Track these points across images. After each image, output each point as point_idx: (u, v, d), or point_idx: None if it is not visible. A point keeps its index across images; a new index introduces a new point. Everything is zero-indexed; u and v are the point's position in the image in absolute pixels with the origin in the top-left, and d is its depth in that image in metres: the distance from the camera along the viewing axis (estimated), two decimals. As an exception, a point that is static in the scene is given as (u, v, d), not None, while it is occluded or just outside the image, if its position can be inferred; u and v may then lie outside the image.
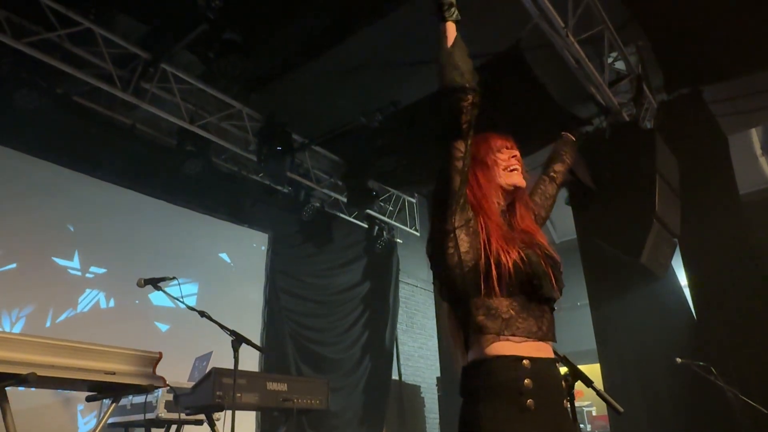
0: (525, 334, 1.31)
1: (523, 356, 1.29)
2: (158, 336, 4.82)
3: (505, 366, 1.29)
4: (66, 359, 2.25)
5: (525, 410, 1.26)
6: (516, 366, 1.28)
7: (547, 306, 1.39)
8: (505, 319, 1.30)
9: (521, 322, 1.31)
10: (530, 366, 1.29)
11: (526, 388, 1.27)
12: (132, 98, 4.43)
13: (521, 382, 1.27)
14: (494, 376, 1.29)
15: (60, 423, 4.09)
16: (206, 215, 5.57)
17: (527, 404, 1.26)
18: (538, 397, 1.27)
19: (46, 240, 4.37)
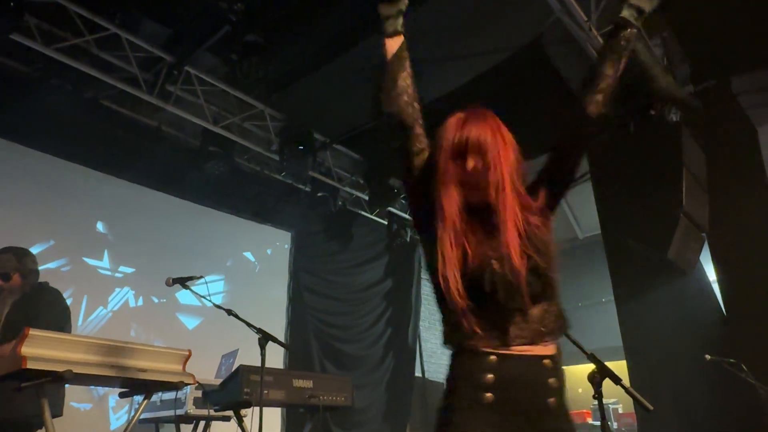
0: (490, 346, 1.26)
1: (491, 352, 1.26)
2: (185, 334, 4.91)
3: (469, 360, 1.28)
4: (100, 357, 2.31)
5: (481, 404, 1.24)
6: (480, 360, 1.26)
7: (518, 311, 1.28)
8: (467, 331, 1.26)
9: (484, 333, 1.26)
10: (497, 361, 1.25)
11: (486, 383, 1.24)
12: (157, 101, 4.51)
13: (482, 376, 1.25)
14: (459, 369, 1.30)
15: (93, 418, 4.21)
16: (230, 215, 5.65)
17: (485, 397, 1.24)
18: (502, 393, 1.24)
19: (77, 240, 4.48)
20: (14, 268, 2.95)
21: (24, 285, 2.96)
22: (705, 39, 4.70)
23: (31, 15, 3.83)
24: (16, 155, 4.26)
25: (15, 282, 2.94)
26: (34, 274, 3.03)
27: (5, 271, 2.94)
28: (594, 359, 1.64)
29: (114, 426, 4.30)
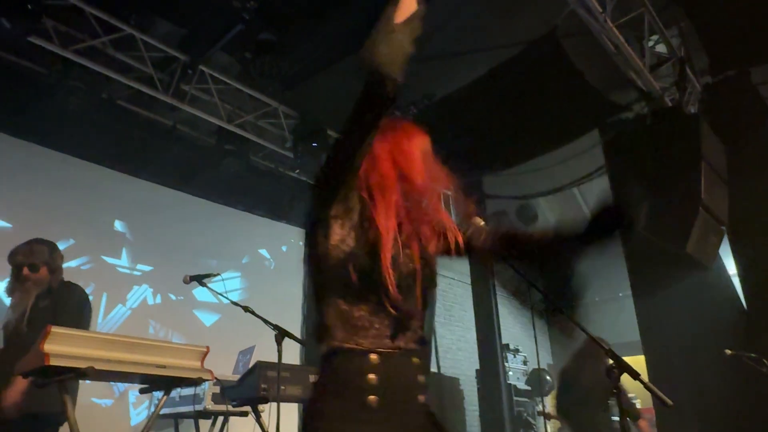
0: (378, 346, 1.19)
1: (371, 350, 1.18)
2: (203, 330, 4.97)
3: (349, 360, 1.18)
4: (121, 354, 2.34)
5: (367, 407, 1.16)
6: (361, 360, 1.18)
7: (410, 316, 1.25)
8: (356, 327, 1.19)
9: (372, 334, 1.19)
10: (378, 361, 1.18)
11: (369, 384, 1.17)
12: (172, 100, 4.56)
13: (364, 377, 1.17)
14: (338, 371, 1.19)
15: (114, 414, 4.28)
16: (246, 212, 5.70)
17: (369, 401, 1.16)
18: (385, 395, 1.17)
19: (96, 239, 4.55)
20: (44, 262, 2.94)
21: (51, 280, 2.94)
22: (723, 29, 4.61)
23: (49, 18, 3.88)
24: (36, 156, 4.33)
25: (42, 275, 2.93)
26: (59, 271, 3.02)
27: (35, 262, 2.92)
28: (612, 354, 1.63)
29: (134, 421, 4.36)
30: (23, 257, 2.92)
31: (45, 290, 2.91)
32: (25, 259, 2.91)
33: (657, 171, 4.37)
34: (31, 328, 2.72)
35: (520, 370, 7.36)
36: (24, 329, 2.74)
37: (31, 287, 2.89)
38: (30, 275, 2.89)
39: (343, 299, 1.19)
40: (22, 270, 2.90)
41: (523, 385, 7.22)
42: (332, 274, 1.20)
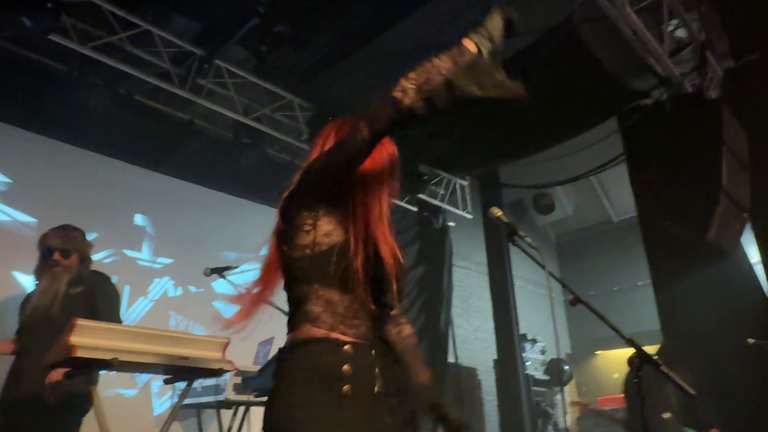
0: (354, 336, 1.23)
1: (346, 341, 1.22)
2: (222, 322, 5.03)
3: (324, 350, 1.21)
4: (145, 345, 2.39)
5: (342, 396, 1.19)
6: (336, 350, 1.21)
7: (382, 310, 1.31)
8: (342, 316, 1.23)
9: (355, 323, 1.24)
10: (351, 351, 1.22)
11: (345, 374, 1.20)
12: (189, 95, 4.60)
13: (340, 368, 1.20)
14: (312, 359, 1.21)
15: (138, 404, 4.38)
16: (263, 205, 5.74)
17: (344, 390, 1.19)
18: (356, 384, 1.21)
19: (118, 233, 4.63)
20: (75, 249, 2.91)
21: (81, 269, 2.92)
22: (745, 12, 4.51)
23: (68, 15, 3.94)
24: (58, 152, 4.41)
25: (72, 262, 2.90)
26: (89, 260, 3.00)
27: (67, 247, 2.88)
28: (633, 343, 1.62)
29: (157, 412, 4.46)
30: (56, 242, 2.88)
31: (75, 277, 2.89)
32: (58, 244, 2.87)
33: (677, 158, 4.31)
34: (63, 314, 2.73)
35: (538, 360, 7.35)
36: (56, 315, 2.75)
37: (61, 273, 2.86)
38: (61, 260, 2.86)
39: (328, 288, 1.23)
40: (53, 254, 2.87)
41: (541, 375, 7.21)
42: (319, 263, 1.23)
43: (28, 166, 4.26)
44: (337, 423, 1.16)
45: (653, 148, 4.82)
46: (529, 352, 7.27)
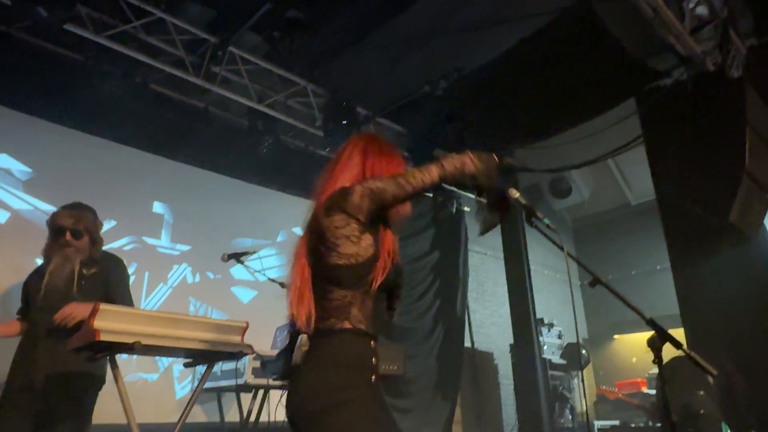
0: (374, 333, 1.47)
1: (372, 337, 1.46)
2: (240, 307, 5.10)
3: (360, 342, 1.43)
4: (166, 329, 2.43)
5: (369, 383, 1.42)
6: (366, 343, 1.45)
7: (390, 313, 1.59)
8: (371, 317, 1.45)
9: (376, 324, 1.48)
10: (374, 346, 1.47)
11: (373, 365, 1.44)
12: (203, 82, 4.61)
13: (370, 359, 1.44)
14: (351, 348, 1.42)
15: (160, 388, 4.46)
16: (278, 192, 5.77)
17: (371, 378, 1.43)
18: (376, 375, 1.46)
19: (137, 221, 4.69)
20: (87, 230, 2.86)
21: (92, 250, 2.88)
22: (770, -14, 4.38)
23: (83, 5, 3.96)
24: (77, 141, 4.47)
25: (83, 243, 2.85)
26: (100, 242, 2.95)
27: (79, 228, 2.83)
28: (654, 324, 1.60)
29: (179, 395, 4.54)
30: (68, 222, 2.82)
31: (87, 258, 2.86)
32: (70, 225, 2.81)
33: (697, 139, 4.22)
34: (81, 295, 2.75)
35: (555, 344, 7.33)
36: (74, 296, 2.74)
37: (73, 254, 2.81)
38: (72, 241, 2.81)
39: (362, 293, 1.44)
40: (65, 234, 2.81)
41: (558, 359, 7.19)
42: (358, 272, 1.44)
43: (47, 155, 4.32)
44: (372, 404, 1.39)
45: (673, 129, 4.73)
46: (546, 336, 7.25)
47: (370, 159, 1.61)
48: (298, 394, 1.39)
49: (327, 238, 1.45)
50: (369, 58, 4.86)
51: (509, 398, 7.16)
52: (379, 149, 1.65)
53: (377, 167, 1.59)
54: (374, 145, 1.66)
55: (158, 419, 4.15)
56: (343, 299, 1.43)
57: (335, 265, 1.44)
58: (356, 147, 1.66)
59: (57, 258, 2.81)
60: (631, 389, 7.06)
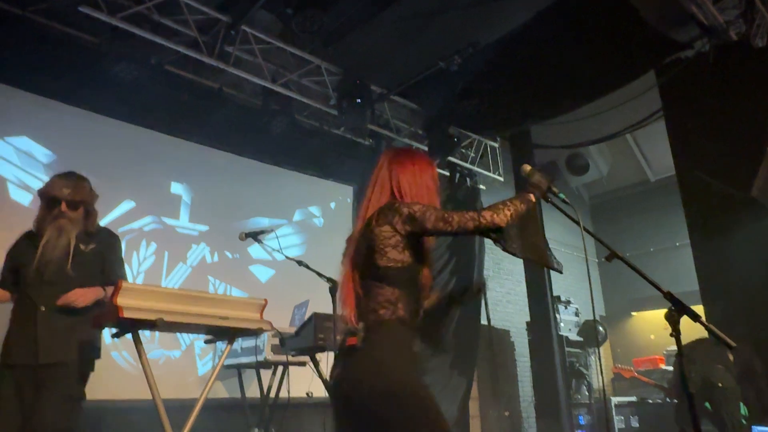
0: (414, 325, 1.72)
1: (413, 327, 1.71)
2: (259, 286, 5.17)
3: (405, 331, 1.69)
4: (187, 306, 2.48)
5: (415, 360, 1.72)
6: (410, 332, 1.70)
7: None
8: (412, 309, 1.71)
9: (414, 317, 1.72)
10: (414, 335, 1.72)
11: (414, 351, 1.71)
12: (217, 62, 4.61)
13: (414, 341, 1.71)
14: (402, 335, 1.68)
15: (182, 364, 4.57)
16: (294, 171, 5.79)
17: (416, 356, 1.72)
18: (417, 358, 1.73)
19: (155, 202, 4.75)
20: (83, 201, 2.72)
21: (87, 223, 2.74)
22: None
23: (96, -15, 3.96)
24: (94, 123, 4.52)
25: (78, 214, 2.71)
26: (95, 214, 2.81)
27: (75, 199, 2.68)
28: (671, 297, 1.59)
29: (201, 371, 4.65)
30: (65, 192, 2.67)
31: (83, 232, 2.72)
32: (66, 195, 2.67)
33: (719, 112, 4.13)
34: (77, 271, 2.65)
35: (572, 322, 7.32)
36: (70, 272, 2.63)
37: (67, 226, 2.66)
38: (67, 212, 2.67)
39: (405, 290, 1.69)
40: (60, 205, 2.67)
41: (574, 336, 7.19)
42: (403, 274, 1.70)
43: (66, 138, 4.38)
44: (423, 383, 1.65)
45: (693, 102, 4.63)
46: (563, 313, 7.24)
47: (395, 174, 1.84)
48: (355, 375, 1.60)
49: (377, 244, 1.70)
50: (382, 34, 4.81)
51: (526, 375, 7.21)
52: (403, 162, 1.87)
53: (403, 181, 1.82)
54: (399, 158, 1.89)
55: (181, 395, 4.25)
56: (392, 295, 1.67)
57: (386, 267, 1.69)
58: (383, 165, 1.89)
59: (51, 230, 2.65)
60: (649, 366, 7.05)
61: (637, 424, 6.75)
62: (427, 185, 1.87)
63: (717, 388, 4.06)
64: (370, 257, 1.71)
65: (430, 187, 1.88)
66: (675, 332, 1.58)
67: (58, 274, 2.63)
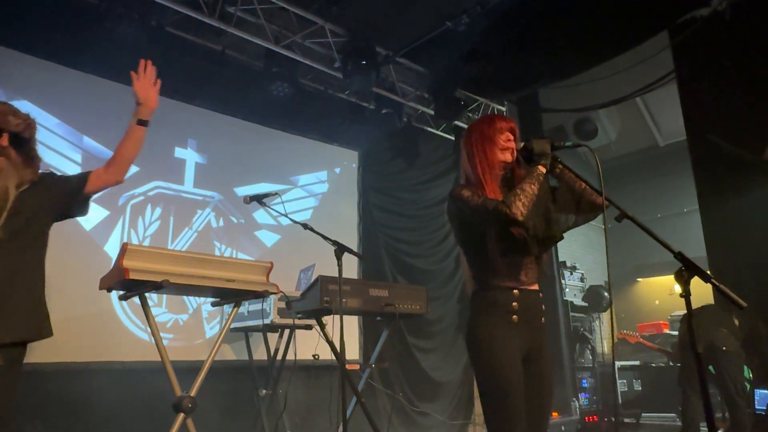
0: (514, 282, 1.93)
1: (513, 287, 1.92)
2: (264, 250, 5.18)
3: (500, 293, 1.92)
4: (193, 269, 2.49)
5: (510, 323, 1.90)
6: (508, 293, 1.91)
7: (532, 256, 1.96)
8: (499, 271, 1.92)
9: (509, 274, 1.93)
10: (518, 294, 1.92)
11: (513, 308, 1.91)
12: (219, 23, 4.50)
13: (510, 304, 1.91)
14: (492, 299, 1.92)
15: (190, 327, 4.62)
16: (298, 136, 5.73)
17: (512, 319, 1.90)
18: (521, 316, 1.91)
19: (159, 167, 4.72)
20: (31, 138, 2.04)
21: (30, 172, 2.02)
22: None
23: (93, -58, 3.84)
24: (95, 86, 4.45)
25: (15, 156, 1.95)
26: (37, 160, 2.09)
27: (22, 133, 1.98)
28: (681, 257, 1.57)
29: (209, 335, 4.71)
30: (12, 121, 1.97)
31: (28, 186, 2.02)
32: (15, 125, 1.97)
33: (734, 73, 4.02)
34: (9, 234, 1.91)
35: (577, 287, 7.35)
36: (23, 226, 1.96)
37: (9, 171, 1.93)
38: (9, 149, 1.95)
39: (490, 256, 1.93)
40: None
41: (579, 301, 7.23)
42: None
43: (67, 101, 4.32)
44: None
45: (707, 64, 4.50)
46: (568, 279, 7.27)
47: (464, 153, 2.05)
48: None
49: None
50: (387, -7, 4.67)
51: (530, 339, 7.27)
52: (473, 140, 2.02)
53: (477, 157, 1.99)
54: (472, 136, 2.04)
55: (189, 357, 4.32)
56: (480, 265, 1.98)
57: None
58: (462, 143, 2.09)
59: None
60: (653, 331, 7.10)
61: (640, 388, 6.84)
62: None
63: (721, 351, 4.08)
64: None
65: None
66: (685, 293, 1.56)
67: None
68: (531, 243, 1.93)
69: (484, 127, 2.02)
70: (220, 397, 4.22)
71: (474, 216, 1.91)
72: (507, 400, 1.80)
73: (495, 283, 1.92)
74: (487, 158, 1.97)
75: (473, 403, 6.20)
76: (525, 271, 1.94)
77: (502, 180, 2.01)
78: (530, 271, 1.96)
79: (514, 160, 2.00)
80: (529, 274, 1.96)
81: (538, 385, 1.91)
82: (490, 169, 1.97)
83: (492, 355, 1.85)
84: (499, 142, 1.99)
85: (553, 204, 2.01)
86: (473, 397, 6.17)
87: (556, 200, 2.03)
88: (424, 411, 5.69)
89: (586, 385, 6.74)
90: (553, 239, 2.01)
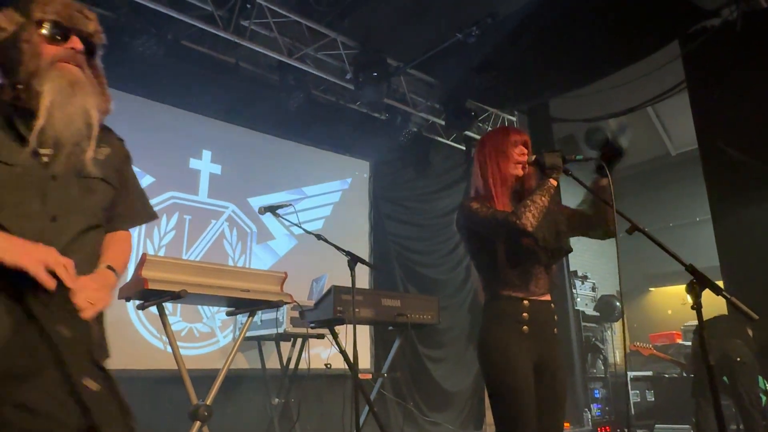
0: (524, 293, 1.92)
1: (524, 297, 1.91)
2: (277, 260, 5.23)
3: (510, 303, 1.91)
4: (209, 279, 2.54)
5: (521, 333, 1.88)
6: (518, 303, 1.90)
7: (542, 266, 1.95)
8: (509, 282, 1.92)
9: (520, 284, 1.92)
10: (528, 304, 1.91)
11: (523, 319, 1.89)
12: (233, 36, 4.59)
13: (520, 314, 1.89)
14: (502, 308, 1.92)
15: (204, 336, 4.67)
16: (311, 147, 5.80)
17: (523, 330, 1.89)
18: (532, 326, 1.89)
19: (174, 177, 4.80)
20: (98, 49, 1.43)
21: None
22: None
23: (112, -40, 3.94)
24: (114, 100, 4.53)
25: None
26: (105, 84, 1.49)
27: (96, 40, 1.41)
28: (693, 270, 1.58)
29: (222, 343, 4.75)
30: (89, 25, 1.38)
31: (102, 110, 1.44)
32: (91, 28, 1.39)
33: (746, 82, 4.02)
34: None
35: (588, 297, 7.32)
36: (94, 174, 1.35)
37: (84, 82, 1.33)
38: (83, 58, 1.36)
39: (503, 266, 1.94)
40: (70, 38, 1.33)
41: (591, 311, 7.20)
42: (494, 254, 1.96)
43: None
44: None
45: (718, 73, 4.51)
46: (580, 288, 7.24)
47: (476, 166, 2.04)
48: None
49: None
50: (399, 6, 4.73)
51: (541, 349, 7.24)
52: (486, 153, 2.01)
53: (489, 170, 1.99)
54: (485, 148, 2.03)
55: (202, 366, 4.37)
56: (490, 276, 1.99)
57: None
58: (475, 155, 2.09)
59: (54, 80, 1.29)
60: (666, 341, 7.04)
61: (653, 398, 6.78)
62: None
63: (735, 362, 4.05)
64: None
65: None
66: (696, 305, 1.57)
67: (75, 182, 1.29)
68: (541, 254, 1.93)
69: (498, 140, 2.01)
70: (232, 406, 4.26)
71: (484, 227, 1.92)
72: (517, 399, 1.80)
73: (505, 294, 1.91)
74: (500, 172, 1.96)
75: (484, 413, 6.19)
76: (535, 281, 1.93)
77: (512, 193, 2.00)
78: (541, 281, 1.95)
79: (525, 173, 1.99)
80: (540, 284, 1.95)
81: (551, 395, 1.90)
82: (502, 182, 1.96)
83: (503, 357, 1.85)
84: (513, 155, 1.97)
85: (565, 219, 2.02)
86: (484, 406, 6.15)
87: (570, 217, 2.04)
88: (435, 420, 5.68)
89: (598, 396, 6.69)
90: (562, 251, 2.01)
